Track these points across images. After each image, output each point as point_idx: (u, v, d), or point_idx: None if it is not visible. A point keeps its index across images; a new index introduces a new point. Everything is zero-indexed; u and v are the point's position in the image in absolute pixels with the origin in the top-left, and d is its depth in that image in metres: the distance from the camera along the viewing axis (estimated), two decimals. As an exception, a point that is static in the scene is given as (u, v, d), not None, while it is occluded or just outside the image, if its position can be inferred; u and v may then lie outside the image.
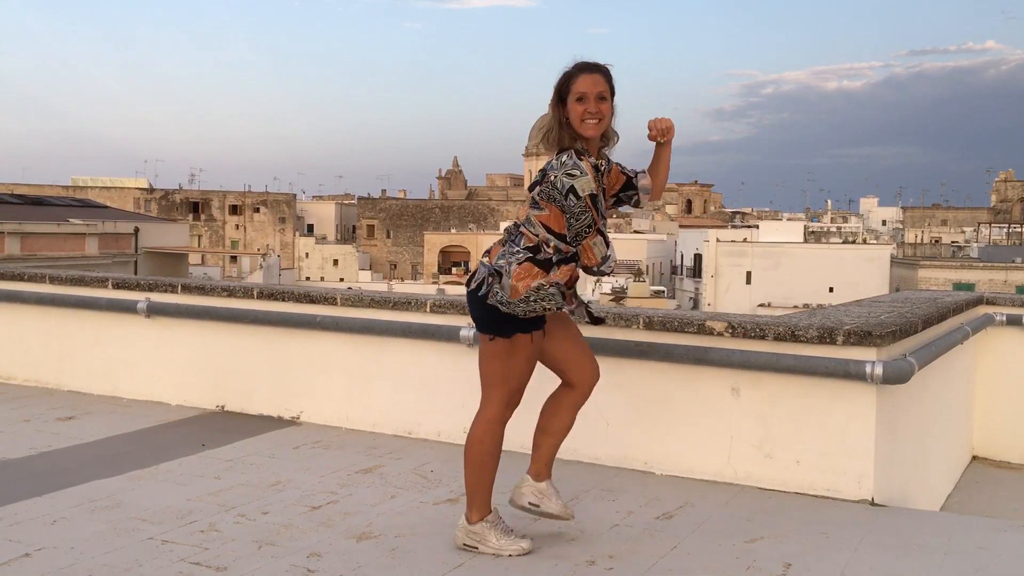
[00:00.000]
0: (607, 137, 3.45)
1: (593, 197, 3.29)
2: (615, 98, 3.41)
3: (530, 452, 3.67)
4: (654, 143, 3.51)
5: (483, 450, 3.48)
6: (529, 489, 3.62)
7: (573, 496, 4.20)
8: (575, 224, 3.31)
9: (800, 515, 4.04)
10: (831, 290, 43.27)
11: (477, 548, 3.49)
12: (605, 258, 3.41)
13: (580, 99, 3.32)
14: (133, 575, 3.23)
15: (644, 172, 3.59)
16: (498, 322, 3.38)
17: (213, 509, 3.94)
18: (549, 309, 3.35)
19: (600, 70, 3.38)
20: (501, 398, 3.47)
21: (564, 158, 3.32)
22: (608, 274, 3.57)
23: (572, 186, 3.27)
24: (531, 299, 3.31)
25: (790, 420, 4.35)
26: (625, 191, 3.57)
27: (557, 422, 3.62)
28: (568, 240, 3.35)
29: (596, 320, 3.85)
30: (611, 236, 3.50)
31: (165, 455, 4.76)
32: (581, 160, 3.30)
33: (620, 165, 3.57)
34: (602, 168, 3.40)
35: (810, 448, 4.31)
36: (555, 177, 3.30)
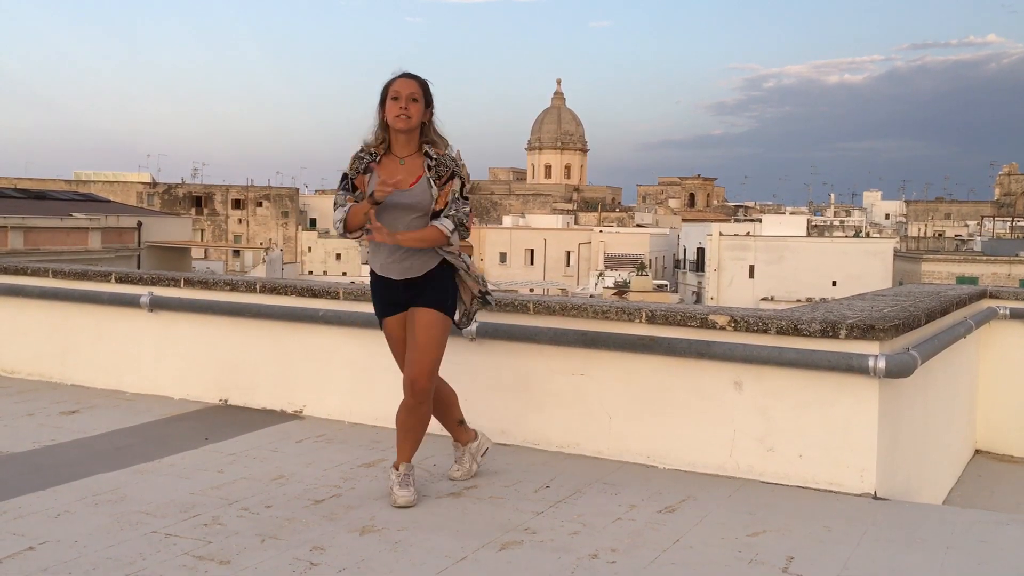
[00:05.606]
0: (430, 139, 3.95)
1: (344, 176, 3.99)
2: (432, 108, 3.95)
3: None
4: None
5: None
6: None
7: (576, 490, 4.21)
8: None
9: (802, 509, 4.04)
10: (834, 284, 43.28)
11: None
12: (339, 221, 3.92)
13: (395, 98, 3.87)
14: (136, 568, 3.25)
15: (451, 222, 3.90)
16: None
17: (216, 503, 3.95)
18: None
19: (415, 78, 3.92)
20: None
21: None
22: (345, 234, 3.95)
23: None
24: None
25: (793, 414, 4.35)
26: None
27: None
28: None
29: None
30: (613, 230, 3.57)
31: (168, 449, 4.77)
32: (359, 152, 3.99)
33: (456, 198, 3.93)
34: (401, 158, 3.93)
35: (813, 442, 4.31)
36: None
